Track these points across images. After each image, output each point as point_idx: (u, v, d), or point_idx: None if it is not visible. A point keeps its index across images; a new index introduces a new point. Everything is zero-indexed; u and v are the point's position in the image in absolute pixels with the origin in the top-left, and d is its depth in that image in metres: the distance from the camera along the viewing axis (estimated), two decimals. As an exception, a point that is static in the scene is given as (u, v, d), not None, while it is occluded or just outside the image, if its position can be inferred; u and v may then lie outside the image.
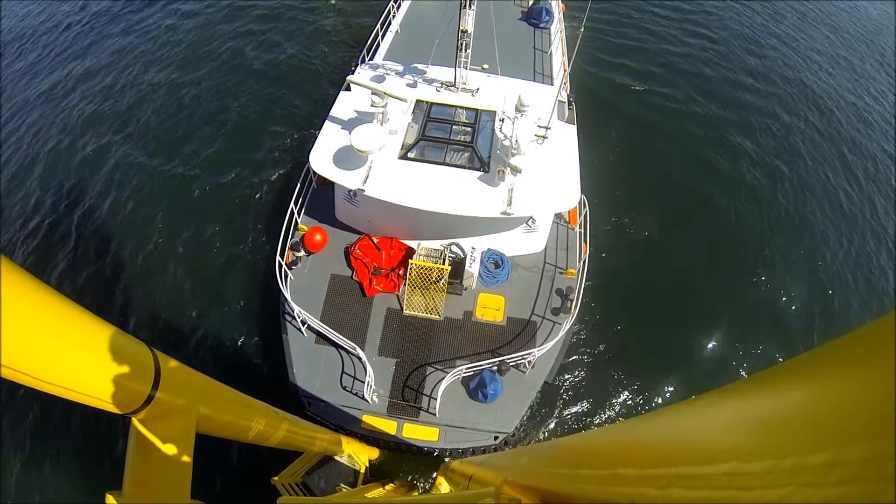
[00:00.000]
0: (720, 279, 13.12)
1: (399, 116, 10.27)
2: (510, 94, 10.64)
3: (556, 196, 9.40)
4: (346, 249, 10.47)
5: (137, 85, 17.55)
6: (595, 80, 18.58)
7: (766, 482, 0.83)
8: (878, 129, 18.94)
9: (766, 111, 18.71)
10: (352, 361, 9.21)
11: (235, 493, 9.42)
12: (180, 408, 3.51)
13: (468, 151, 9.84)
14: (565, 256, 10.60)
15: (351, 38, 19.46)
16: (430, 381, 9.05)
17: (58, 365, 2.52)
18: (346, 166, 9.53)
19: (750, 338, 12.18)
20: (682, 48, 21.04)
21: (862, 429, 0.67)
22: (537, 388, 9.16)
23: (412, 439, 8.65)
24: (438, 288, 9.75)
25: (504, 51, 11.24)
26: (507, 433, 8.69)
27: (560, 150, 10.08)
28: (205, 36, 19.93)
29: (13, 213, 13.70)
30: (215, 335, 11.46)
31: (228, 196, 14.10)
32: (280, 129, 16.09)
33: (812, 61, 21.94)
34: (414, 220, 10.09)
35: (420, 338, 9.51)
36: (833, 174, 16.76)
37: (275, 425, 5.59)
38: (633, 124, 17.24)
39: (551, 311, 9.81)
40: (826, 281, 13.56)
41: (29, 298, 2.35)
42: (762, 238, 14.35)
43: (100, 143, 15.42)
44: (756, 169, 16.29)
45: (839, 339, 0.93)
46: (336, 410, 8.80)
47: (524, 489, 2.84)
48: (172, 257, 12.64)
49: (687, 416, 1.38)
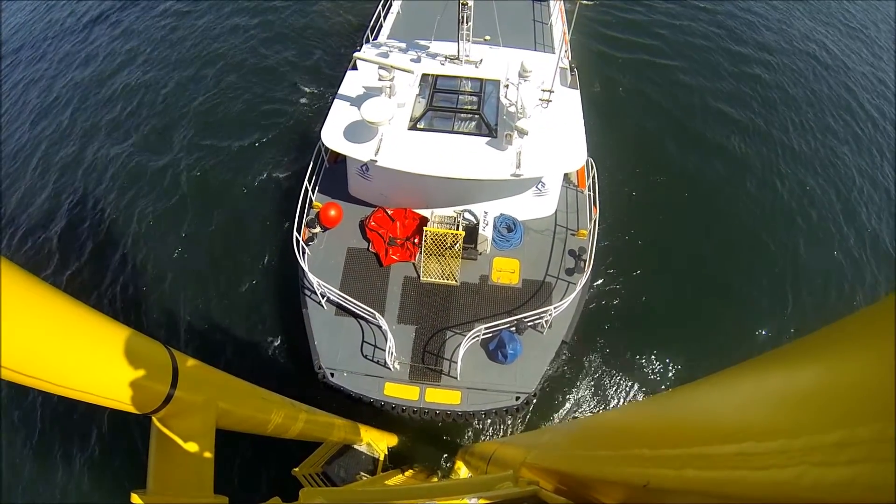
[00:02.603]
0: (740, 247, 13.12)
1: (406, 90, 10.45)
2: (513, 63, 10.83)
3: (563, 156, 9.59)
4: (360, 223, 10.63)
5: (132, 83, 17.60)
6: (599, 43, 18.64)
7: (779, 461, 0.83)
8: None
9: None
10: (372, 331, 9.32)
11: (256, 486, 9.59)
12: (199, 405, 3.56)
13: (475, 119, 10.04)
14: (576, 219, 10.75)
15: (356, 21, 19.42)
16: (449, 345, 9.14)
17: (77, 370, 2.57)
18: (358, 140, 9.71)
19: (769, 304, 12.14)
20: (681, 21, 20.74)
21: (873, 408, 0.67)
22: (556, 347, 9.25)
23: (435, 404, 8.70)
24: (454, 254, 9.90)
25: (505, 24, 11.44)
26: (529, 393, 8.76)
27: (565, 114, 10.26)
28: (202, 30, 19.95)
29: (23, 217, 13.86)
30: (233, 318, 11.64)
31: (236, 184, 14.21)
32: (285, 115, 16.19)
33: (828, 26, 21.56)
34: (426, 189, 10.28)
35: (438, 304, 9.65)
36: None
37: (293, 417, 5.67)
38: (644, 89, 17.25)
39: (565, 271, 9.97)
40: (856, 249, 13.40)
41: (45, 305, 2.39)
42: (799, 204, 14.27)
43: (102, 144, 15.53)
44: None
45: (852, 315, 0.93)
46: (358, 379, 8.90)
47: (542, 471, 2.87)
48: (185, 247, 12.80)
49: (701, 396, 1.39)
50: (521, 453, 3.45)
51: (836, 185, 14.88)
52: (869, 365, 0.76)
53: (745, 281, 12.49)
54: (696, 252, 12.92)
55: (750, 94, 17.59)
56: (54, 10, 22.27)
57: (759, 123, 16.53)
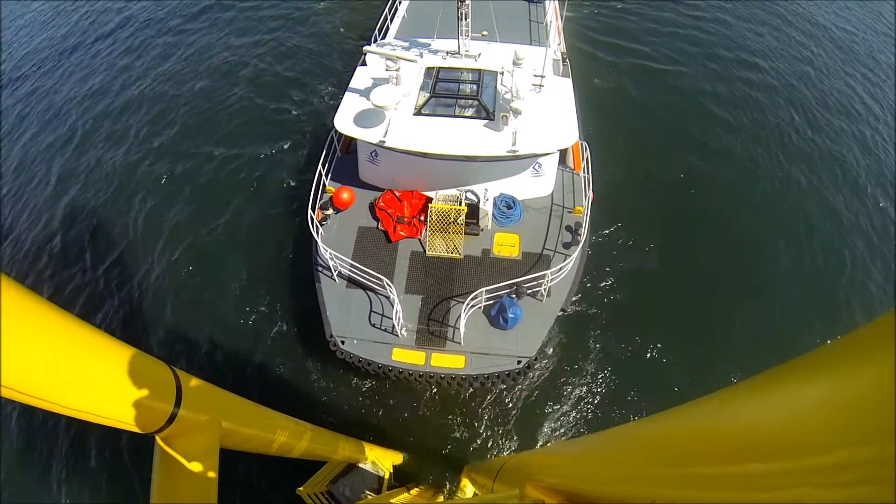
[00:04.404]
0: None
1: (411, 81, 11.37)
2: (508, 56, 11.59)
3: (555, 134, 10.36)
4: (370, 205, 11.37)
5: (137, 94, 18.03)
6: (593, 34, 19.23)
7: (782, 483, 0.82)
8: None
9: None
10: (380, 302, 9.85)
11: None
12: (203, 424, 3.55)
13: (474, 104, 10.87)
14: (572, 198, 11.46)
15: (362, 28, 19.84)
16: (454, 313, 9.63)
17: (79, 390, 2.57)
18: (367, 125, 10.54)
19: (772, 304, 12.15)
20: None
21: (872, 429, 0.67)
22: (554, 314, 9.74)
23: (440, 368, 9.12)
24: (457, 229, 10.61)
25: (502, 23, 12.46)
26: (530, 357, 9.16)
27: (557, 98, 11.17)
28: (209, 43, 20.53)
29: (24, 234, 13.99)
30: (248, 306, 12.07)
31: (246, 179, 14.76)
32: (296, 115, 16.83)
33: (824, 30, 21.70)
34: (431, 171, 11.10)
35: (443, 275, 10.27)
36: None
37: (297, 435, 5.64)
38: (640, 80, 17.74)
39: (562, 245, 10.63)
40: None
41: (46, 324, 2.40)
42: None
43: (92, 155, 15.81)
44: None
45: (850, 333, 0.93)
46: (367, 346, 9.37)
47: (547, 489, 2.84)
48: (190, 254, 12.88)
49: (702, 415, 1.38)
50: (526, 471, 3.42)
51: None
52: (867, 384, 0.76)
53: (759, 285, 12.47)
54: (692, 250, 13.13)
55: (745, 97, 17.67)
56: (57, 28, 22.80)
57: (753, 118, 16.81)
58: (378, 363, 9.16)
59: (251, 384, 10.78)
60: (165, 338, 11.69)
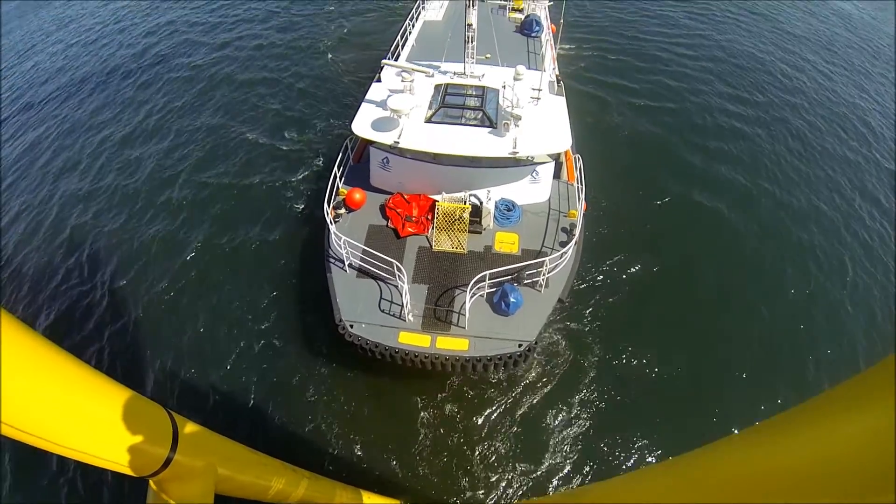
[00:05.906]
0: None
1: (423, 93, 12.83)
2: (509, 74, 13.12)
3: (551, 140, 11.66)
4: (381, 206, 12.31)
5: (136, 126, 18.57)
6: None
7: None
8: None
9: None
10: (388, 289, 10.47)
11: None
12: (199, 470, 3.48)
13: (479, 114, 12.21)
14: (567, 205, 12.53)
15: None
16: (458, 300, 10.27)
17: (76, 430, 2.55)
18: (382, 129, 11.79)
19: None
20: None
21: (872, 482, 0.66)
22: (554, 301, 10.35)
23: (445, 350, 9.53)
24: (461, 226, 11.60)
25: (503, 50, 14.07)
26: (530, 341, 9.62)
27: (553, 110, 12.67)
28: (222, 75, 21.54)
29: (22, 268, 14.06)
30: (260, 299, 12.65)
31: (262, 193, 15.63)
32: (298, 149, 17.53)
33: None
34: (438, 177, 12.21)
35: (448, 268, 11.03)
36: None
37: (294, 483, 5.50)
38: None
39: (559, 243, 11.47)
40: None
41: (45, 363, 2.40)
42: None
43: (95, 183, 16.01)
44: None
45: (846, 381, 0.92)
46: (375, 330, 9.83)
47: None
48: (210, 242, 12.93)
49: (697, 467, 1.35)
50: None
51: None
52: (864, 435, 0.75)
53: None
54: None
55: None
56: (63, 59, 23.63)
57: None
58: (385, 345, 9.54)
59: (248, 425, 10.58)
60: (161, 376, 11.47)
